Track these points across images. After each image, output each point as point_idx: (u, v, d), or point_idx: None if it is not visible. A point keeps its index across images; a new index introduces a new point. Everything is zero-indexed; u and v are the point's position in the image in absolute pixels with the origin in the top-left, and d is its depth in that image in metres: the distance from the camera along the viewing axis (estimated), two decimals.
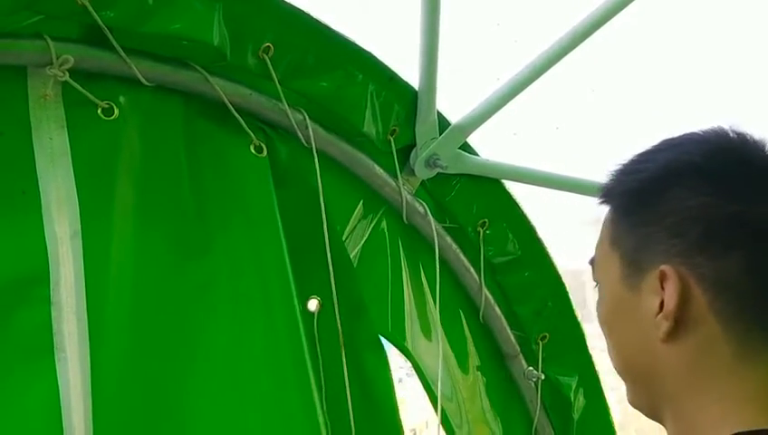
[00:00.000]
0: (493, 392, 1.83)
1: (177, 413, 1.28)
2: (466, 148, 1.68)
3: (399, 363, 1.81)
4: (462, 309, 1.79)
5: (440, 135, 1.63)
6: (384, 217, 1.65)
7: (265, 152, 1.40)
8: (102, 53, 1.23)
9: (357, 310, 1.54)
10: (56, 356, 1.19)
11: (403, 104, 1.58)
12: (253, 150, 1.40)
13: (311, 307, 1.49)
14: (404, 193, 1.61)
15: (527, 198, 1.79)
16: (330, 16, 1.43)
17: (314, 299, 1.49)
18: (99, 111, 1.26)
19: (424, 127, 1.61)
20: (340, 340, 1.49)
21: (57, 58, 1.18)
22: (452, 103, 1.66)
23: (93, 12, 1.18)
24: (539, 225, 1.82)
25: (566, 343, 1.86)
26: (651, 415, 0.98)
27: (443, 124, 1.63)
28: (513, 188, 1.78)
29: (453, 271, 1.76)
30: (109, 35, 1.21)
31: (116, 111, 1.27)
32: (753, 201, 0.88)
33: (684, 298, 0.88)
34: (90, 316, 1.22)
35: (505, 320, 1.81)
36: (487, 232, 1.75)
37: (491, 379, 1.83)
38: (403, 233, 1.68)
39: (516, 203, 1.77)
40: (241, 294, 1.35)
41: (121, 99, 1.28)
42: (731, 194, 0.88)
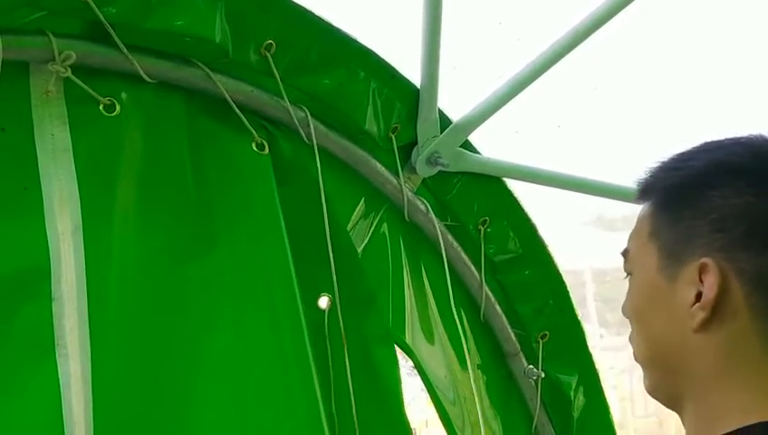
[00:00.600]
0: (493, 391, 1.83)
1: (177, 409, 1.28)
2: (468, 146, 1.68)
3: (400, 363, 1.81)
4: (462, 307, 1.79)
5: (441, 133, 1.63)
6: (385, 216, 1.65)
7: (267, 150, 1.40)
8: (105, 50, 1.23)
9: (365, 304, 1.56)
10: (57, 352, 1.19)
11: (405, 102, 1.58)
12: (255, 148, 1.40)
13: (321, 304, 1.50)
14: (405, 191, 1.61)
15: (528, 198, 1.80)
16: (332, 14, 1.43)
17: (325, 296, 1.50)
18: (101, 108, 1.26)
19: (425, 125, 1.61)
20: (342, 338, 1.49)
21: (59, 54, 1.18)
22: (453, 101, 1.67)
23: (95, 8, 1.18)
24: (540, 224, 1.82)
25: (566, 342, 1.86)
26: (669, 403, 1.02)
27: (444, 122, 1.63)
28: (514, 187, 1.78)
29: (454, 269, 1.76)
30: (111, 32, 1.21)
31: (118, 108, 1.27)
32: None
33: (722, 290, 0.91)
34: (91, 312, 1.22)
35: (506, 318, 1.81)
36: (488, 230, 1.75)
37: (491, 377, 1.83)
38: (404, 231, 1.68)
39: (517, 201, 1.77)
40: (243, 290, 1.36)
41: (123, 95, 1.28)
42: None
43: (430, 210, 1.66)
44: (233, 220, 1.36)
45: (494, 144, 1.77)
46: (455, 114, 1.65)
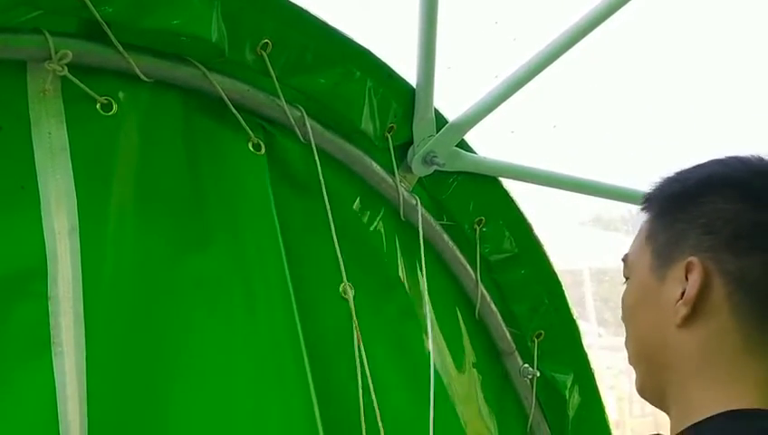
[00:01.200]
0: (488, 390, 1.83)
1: (172, 406, 1.28)
2: (464, 145, 1.68)
3: None
4: (458, 306, 1.80)
5: (437, 132, 1.63)
6: (381, 215, 1.65)
7: (263, 150, 1.41)
8: (101, 49, 1.24)
9: (388, 284, 1.59)
10: (53, 350, 1.19)
11: (401, 101, 1.59)
12: (251, 148, 1.40)
13: (344, 293, 1.51)
14: (401, 190, 1.62)
15: (525, 199, 1.80)
16: (328, 14, 1.43)
17: (346, 285, 1.51)
18: (98, 107, 1.26)
19: (421, 124, 1.62)
20: (355, 329, 1.51)
21: (56, 53, 1.18)
22: (449, 101, 1.67)
23: (92, 7, 1.18)
24: (538, 225, 1.82)
25: (562, 341, 1.86)
26: (658, 403, 1.05)
27: (440, 122, 1.64)
28: (510, 187, 1.79)
29: (449, 268, 1.76)
30: (107, 31, 1.22)
31: (115, 107, 1.27)
32: None
33: (704, 288, 0.96)
34: (86, 311, 1.22)
35: (501, 317, 1.81)
36: (484, 229, 1.76)
37: (486, 376, 1.84)
38: (400, 230, 1.68)
39: (513, 201, 1.77)
40: (236, 289, 1.36)
41: (120, 94, 1.29)
42: (763, 205, 0.98)
43: (419, 202, 1.65)
44: (227, 219, 1.37)
45: (490, 144, 1.77)
46: (451, 114, 1.66)
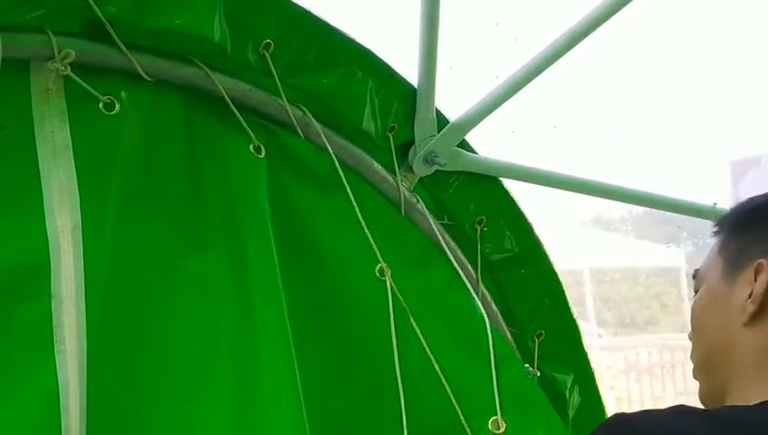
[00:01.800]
0: None
1: (172, 406, 1.28)
2: (465, 145, 1.69)
3: None
4: None
5: (439, 132, 1.63)
6: (384, 213, 1.65)
7: (263, 153, 1.41)
8: (104, 48, 1.24)
9: (423, 257, 1.61)
10: (56, 348, 1.20)
11: (402, 101, 1.59)
12: (252, 150, 1.40)
13: (381, 274, 1.51)
14: (402, 189, 1.62)
15: (525, 199, 1.80)
16: (330, 14, 1.44)
17: (381, 265, 1.51)
18: (100, 106, 1.26)
19: (423, 124, 1.62)
20: (390, 309, 1.52)
21: (59, 52, 1.19)
22: (451, 101, 1.67)
23: (95, 6, 1.19)
24: (538, 225, 1.82)
25: (562, 341, 1.87)
26: (715, 395, 1.11)
27: (441, 122, 1.64)
28: (511, 187, 1.79)
29: (449, 267, 1.76)
30: (110, 30, 1.22)
31: (117, 106, 1.27)
32: None
33: None
34: (88, 309, 1.22)
35: (502, 317, 1.81)
36: (485, 229, 1.76)
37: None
38: (400, 228, 1.68)
39: (514, 201, 1.77)
40: (233, 290, 1.36)
41: (123, 94, 1.29)
42: None
43: (420, 200, 1.66)
44: (226, 220, 1.36)
45: (491, 144, 1.78)
46: (452, 114, 1.66)
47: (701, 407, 1.07)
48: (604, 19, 1.61)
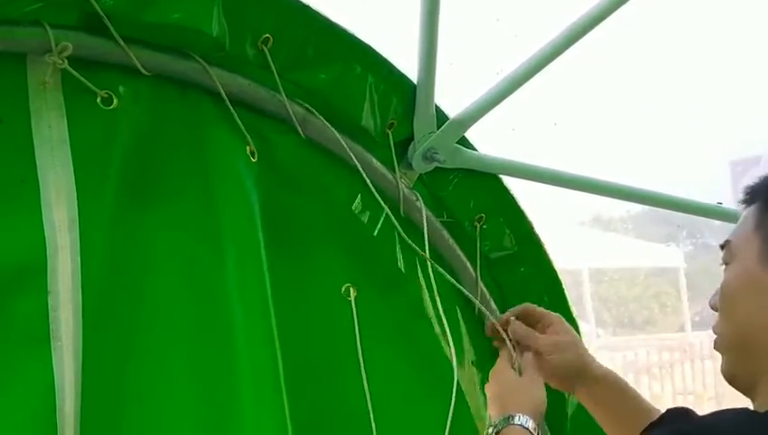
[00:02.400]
0: None
1: (166, 403, 1.28)
2: (464, 142, 1.68)
3: None
4: (458, 304, 1.79)
5: (438, 129, 1.63)
6: (382, 212, 1.65)
7: (256, 158, 1.40)
8: (102, 42, 1.23)
9: (392, 284, 1.59)
10: (52, 344, 1.19)
11: (401, 98, 1.58)
12: (248, 152, 1.40)
13: (347, 294, 1.51)
14: (401, 186, 1.61)
15: (525, 200, 1.80)
16: (329, 9, 1.43)
17: (349, 286, 1.51)
18: (98, 101, 1.26)
19: (422, 121, 1.61)
20: (355, 331, 1.51)
21: (56, 45, 1.18)
22: (451, 98, 1.67)
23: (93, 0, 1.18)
24: (538, 224, 1.82)
25: None
26: (745, 390, 1.10)
27: (441, 118, 1.63)
28: (511, 185, 1.78)
29: (449, 266, 1.76)
30: (108, 23, 1.21)
31: (115, 101, 1.27)
32: None
33: None
34: (84, 305, 1.22)
35: (501, 315, 1.81)
36: (484, 227, 1.75)
37: (485, 374, 1.83)
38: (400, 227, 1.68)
39: (513, 198, 1.77)
40: (232, 288, 1.35)
41: (121, 89, 1.28)
42: None
43: (419, 197, 1.65)
44: (222, 218, 1.36)
45: (491, 141, 1.77)
46: (452, 110, 1.65)
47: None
48: (605, 16, 1.60)
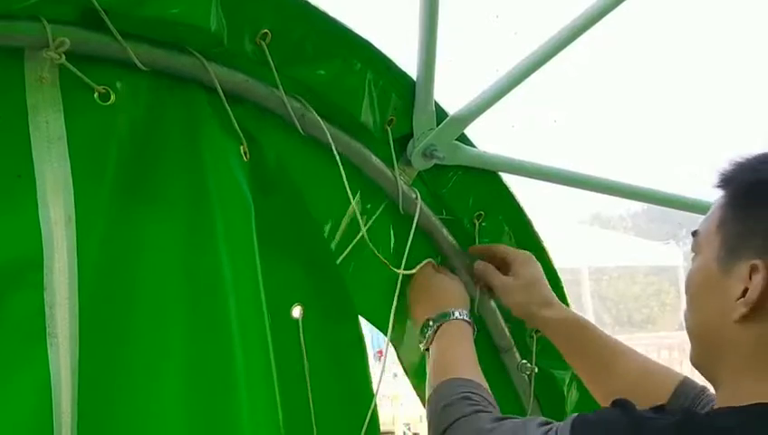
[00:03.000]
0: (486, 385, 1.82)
1: (160, 402, 1.27)
2: (464, 139, 1.67)
3: (394, 359, 1.82)
4: None
5: (438, 126, 1.62)
6: (382, 209, 1.64)
7: (248, 158, 1.40)
8: (99, 37, 1.23)
9: (340, 314, 1.56)
10: (48, 341, 1.19)
11: (401, 94, 1.58)
12: (242, 151, 1.39)
13: (295, 314, 1.50)
14: (400, 183, 1.61)
15: (524, 198, 1.79)
16: (328, 4, 1.42)
17: (298, 306, 1.50)
18: (95, 96, 1.25)
19: (421, 117, 1.61)
20: (301, 351, 1.50)
21: (53, 40, 1.17)
22: (450, 94, 1.66)
23: None
24: (537, 223, 1.82)
25: None
26: (708, 379, 1.13)
27: (441, 115, 1.63)
28: (510, 182, 1.78)
29: (449, 263, 1.75)
30: (105, 18, 1.21)
31: (113, 97, 1.26)
32: None
33: (766, 292, 1.01)
34: (81, 301, 1.21)
35: (500, 313, 1.81)
36: (483, 224, 1.75)
37: (484, 371, 1.83)
38: (398, 224, 1.67)
39: (513, 196, 1.76)
40: (225, 284, 1.34)
41: (118, 84, 1.28)
42: None
43: (418, 196, 1.64)
44: (219, 216, 1.35)
45: (490, 138, 1.77)
46: (451, 107, 1.65)
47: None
48: (605, 13, 1.60)
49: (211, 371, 1.29)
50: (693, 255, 1.15)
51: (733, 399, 1.04)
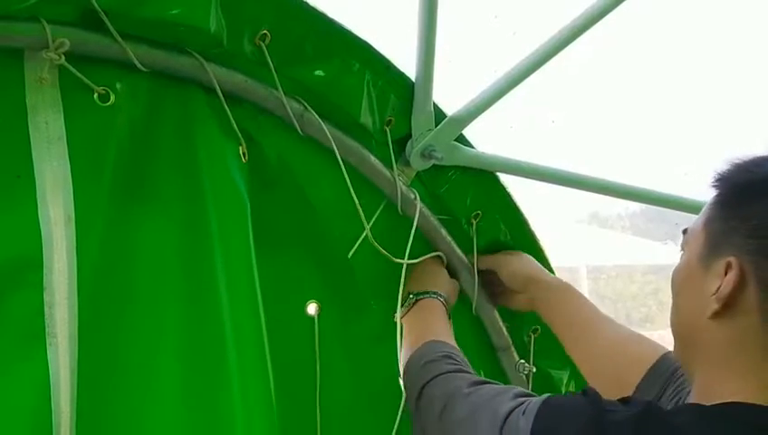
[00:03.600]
0: None
1: (159, 403, 1.28)
2: (462, 140, 1.68)
3: None
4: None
5: (436, 127, 1.62)
6: (381, 210, 1.65)
7: (246, 159, 1.40)
8: (99, 38, 1.23)
9: (356, 308, 1.55)
10: (47, 341, 1.19)
11: (399, 95, 1.58)
12: (240, 152, 1.40)
13: (310, 311, 1.50)
14: (399, 184, 1.61)
15: (522, 196, 1.80)
16: (327, 5, 1.43)
17: (313, 303, 1.50)
18: (95, 97, 1.25)
19: (420, 118, 1.61)
20: (315, 346, 1.50)
21: (53, 41, 1.18)
22: (448, 95, 1.66)
23: None
24: (535, 221, 1.82)
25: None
26: (686, 371, 1.16)
27: (439, 116, 1.63)
28: (508, 183, 1.78)
29: (447, 263, 1.76)
30: (105, 19, 1.21)
31: (112, 97, 1.27)
32: None
33: (739, 289, 1.01)
34: (80, 301, 1.22)
35: (497, 312, 1.81)
36: (480, 224, 1.75)
37: (482, 371, 1.83)
38: (397, 225, 1.68)
39: (510, 195, 1.77)
40: (220, 285, 1.35)
41: (118, 85, 1.28)
42: None
43: (417, 197, 1.65)
44: (216, 216, 1.35)
45: (489, 139, 1.77)
46: (449, 108, 1.65)
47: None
48: (604, 14, 1.60)
49: (206, 368, 1.30)
50: (681, 251, 1.17)
51: (703, 396, 1.05)
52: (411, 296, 1.62)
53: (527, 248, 1.79)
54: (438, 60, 1.55)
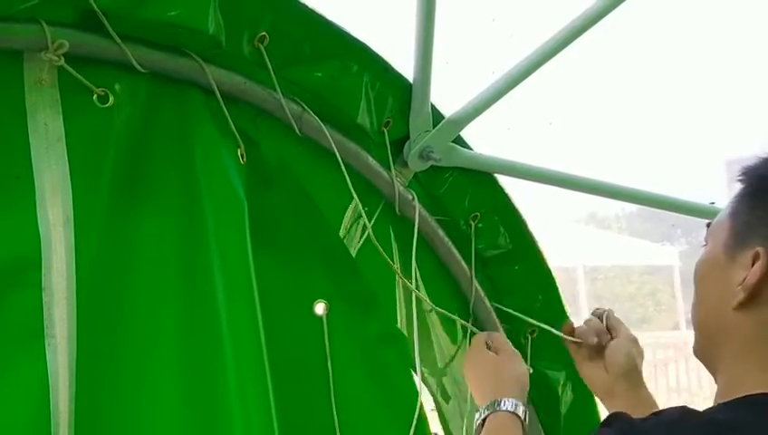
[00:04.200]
0: None
1: (158, 402, 1.28)
2: (460, 141, 1.68)
3: None
4: (453, 302, 1.80)
5: (434, 128, 1.63)
6: (379, 211, 1.65)
7: (245, 160, 1.40)
8: (98, 39, 1.23)
9: (365, 306, 1.56)
10: (46, 341, 1.19)
11: (397, 96, 1.58)
12: (238, 153, 1.40)
13: (318, 311, 1.50)
14: (397, 185, 1.61)
15: (520, 197, 1.80)
16: (325, 7, 1.43)
17: (321, 302, 1.50)
18: (94, 98, 1.25)
19: (418, 119, 1.62)
20: (325, 345, 1.50)
21: (52, 43, 1.18)
22: (446, 97, 1.67)
23: None
24: (533, 222, 1.82)
25: (555, 338, 1.86)
26: (707, 366, 1.14)
27: (437, 117, 1.64)
28: (505, 184, 1.78)
29: (444, 264, 1.76)
30: (104, 21, 1.21)
31: (111, 99, 1.27)
32: None
33: (765, 279, 1.02)
34: (79, 302, 1.22)
35: (495, 313, 1.81)
36: (479, 225, 1.75)
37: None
38: (395, 226, 1.68)
39: (508, 197, 1.77)
40: (217, 287, 1.35)
41: (117, 87, 1.28)
42: None
43: (416, 198, 1.65)
44: (215, 217, 1.36)
45: (486, 140, 1.77)
46: (447, 109, 1.66)
47: (703, 409, 1.06)
48: (601, 16, 1.61)
49: (203, 368, 1.30)
50: (704, 245, 1.16)
51: (728, 389, 1.05)
52: (481, 412, 1.43)
53: (526, 250, 1.80)
54: (436, 62, 1.56)
